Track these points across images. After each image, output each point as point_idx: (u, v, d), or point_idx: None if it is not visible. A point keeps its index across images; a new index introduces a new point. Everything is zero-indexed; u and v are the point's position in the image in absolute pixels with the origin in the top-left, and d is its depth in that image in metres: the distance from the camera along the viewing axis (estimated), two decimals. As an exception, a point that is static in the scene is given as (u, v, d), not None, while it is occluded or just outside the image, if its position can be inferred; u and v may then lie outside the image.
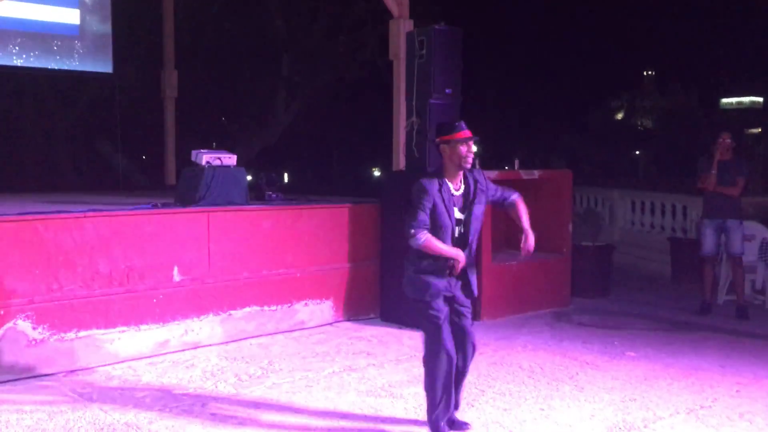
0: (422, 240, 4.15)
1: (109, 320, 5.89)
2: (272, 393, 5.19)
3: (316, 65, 13.60)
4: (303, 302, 7.12)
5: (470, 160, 4.27)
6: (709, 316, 7.88)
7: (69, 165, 12.36)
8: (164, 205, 6.52)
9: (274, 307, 6.91)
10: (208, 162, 6.64)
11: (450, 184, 4.30)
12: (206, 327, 6.46)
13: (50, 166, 12.24)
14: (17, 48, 9.91)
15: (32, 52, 10.16)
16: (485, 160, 7.61)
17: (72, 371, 5.61)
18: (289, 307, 7.02)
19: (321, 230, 7.26)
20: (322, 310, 7.29)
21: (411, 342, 6.55)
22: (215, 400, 5.03)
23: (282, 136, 17.66)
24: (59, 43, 10.44)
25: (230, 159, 6.79)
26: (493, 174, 7.81)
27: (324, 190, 16.51)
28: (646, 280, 10.39)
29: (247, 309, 6.73)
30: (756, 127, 36.25)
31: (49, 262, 5.57)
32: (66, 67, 10.55)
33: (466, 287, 4.41)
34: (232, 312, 6.63)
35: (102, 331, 5.86)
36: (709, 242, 7.89)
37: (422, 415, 4.74)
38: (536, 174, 8.31)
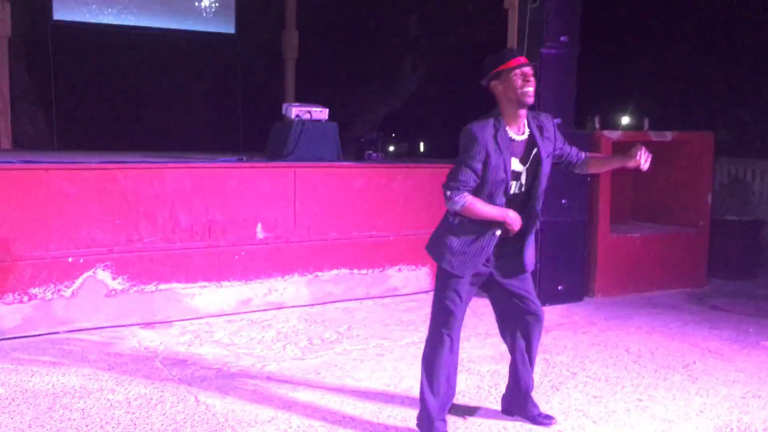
0: (461, 204, 3.38)
1: (189, 275, 5.77)
2: (339, 359, 4.82)
3: (443, 26, 13.01)
4: (396, 267, 6.69)
5: (531, 92, 3.38)
6: None
7: (204, 128, 12.58)
8: (250, 160, 6.29)
9: (364, 271, 6.54)
10: (297, 115, 6.33)
11: (508, 129, 3.45)
12: (291, 287, 6.20)
13: (189, 128, 12.50)
14: (135, 8, 10.16)
15: (157, 13, 10.38)
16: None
17: (149, 324, 5.54)
18: (381, 271, 6.62)
19: (418, 192, 6.76)
20: (418, 276, 6.83)
21: (508, 315, 5.95)
22: (277, 363, 4.73)
23: (416, 104, 17.13)
24: (183, 4, 10.59)
25: (321, 113, 6.44)
26: (616, 135, 6.95)
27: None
28: (806, 263, 9.01)
29: (335, 271, 6.40)
30: None
31: (129, 212, 5.50)
32: (190, 28, 10.71)
33: (516, 260, 3.57)
34: (319, 273, 6.33)
35: (182, 285, 5.75)
36: None
37: (495, 394, 4.19)
38: (669, 136, 7.31)
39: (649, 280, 7.12)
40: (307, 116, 6.35)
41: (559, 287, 6.52)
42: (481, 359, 4.87)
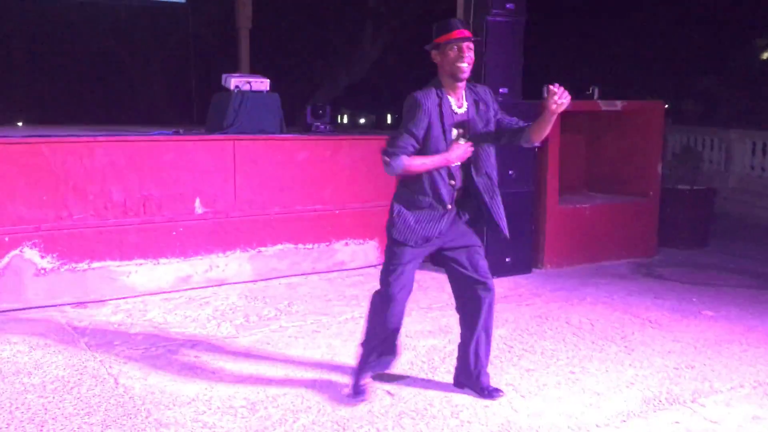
0: (400, 167, 3.37)
1: (124, 252, 5.59)
2: (273, 337, 4.70)
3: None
4: (343, 242, 6.57)
5: (465, 68, 3.39)
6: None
7: (158, 99, 12.26)
8: (187, 133, 6.10)
9: (309, 246, 6.41)
10: (236, 86, 6.13)
11: (451, 100, 3.49)
12: (233, 263, 6.06)
13: (142, 100, 12.19)
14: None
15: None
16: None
17: (81, 303, 5.37)
18: (327, 246, 6.50)
19: (364, 164, 6.62)
20: (365, 250, 6.71)
21: (452, 289, 5.87)
22: (208, 342, 4.60)
23: (382, 76, 16.92)
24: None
25: (262, 84, 6.25)
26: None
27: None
28: (762, 231, 9.07)
29: (279, 246, 6.26)
30: None
31: (57, 188, 5.29)
32: (137, -2, 10.38)
33: (467, 232, 3.61)
34: (262, 249, 6.18)
35: (117, 263, 5.57)
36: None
37: (427, 370, 4.12)
38: (619, 105, 7.22)
39: (598, 250, 7.08)
40: (246, 87, 6.15)
41: (507, 259, 6.44)
42: (420, 334, 4.78)
